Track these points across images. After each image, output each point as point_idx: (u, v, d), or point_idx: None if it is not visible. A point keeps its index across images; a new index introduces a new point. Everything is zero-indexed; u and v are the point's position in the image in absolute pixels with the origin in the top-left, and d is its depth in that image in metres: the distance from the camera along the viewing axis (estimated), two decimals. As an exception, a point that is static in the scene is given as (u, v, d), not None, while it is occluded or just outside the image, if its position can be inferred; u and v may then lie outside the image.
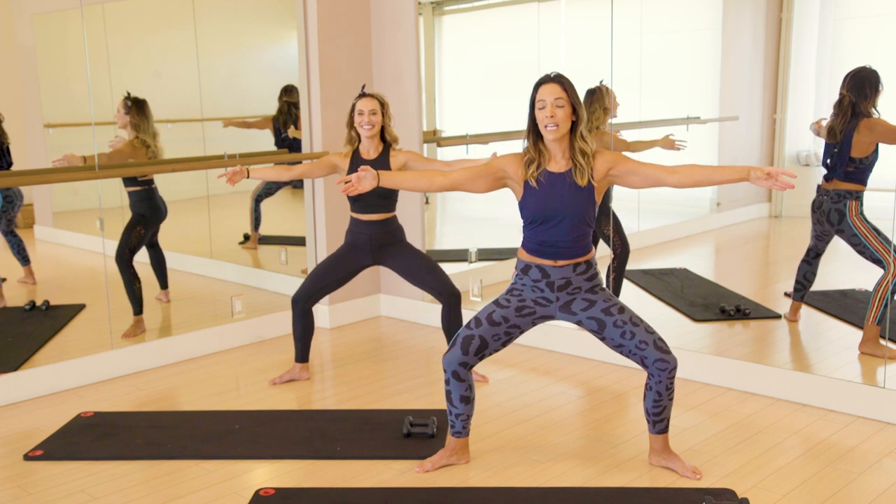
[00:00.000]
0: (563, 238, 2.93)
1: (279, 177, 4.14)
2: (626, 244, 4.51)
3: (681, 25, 5.25)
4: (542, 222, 2.93)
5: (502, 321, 3.01)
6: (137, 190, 4.58)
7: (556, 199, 2.90)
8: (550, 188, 2.91)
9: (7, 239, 4.58)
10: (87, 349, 4.23)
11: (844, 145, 3.88)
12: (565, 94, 2.85)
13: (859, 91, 3.83)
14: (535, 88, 2.91)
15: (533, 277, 3.00)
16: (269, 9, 5.52)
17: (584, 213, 2.92)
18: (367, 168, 3.00)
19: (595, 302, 3.00)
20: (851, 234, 3.93)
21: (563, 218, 2.90)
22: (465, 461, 3.16)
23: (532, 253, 2.99)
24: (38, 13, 4.68)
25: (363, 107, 3.84)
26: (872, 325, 3.81)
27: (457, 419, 3.09)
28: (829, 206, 3.99)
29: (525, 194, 2.95)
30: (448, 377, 3.01)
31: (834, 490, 2.90)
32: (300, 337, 4.09)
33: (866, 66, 3.84)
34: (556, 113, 2.84)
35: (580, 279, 2.99)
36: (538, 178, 2.92)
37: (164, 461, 3.23)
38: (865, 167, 3.90)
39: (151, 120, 4.54)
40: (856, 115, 3.84)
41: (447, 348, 3.04)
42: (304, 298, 4.01)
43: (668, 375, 2.91)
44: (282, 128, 5.22)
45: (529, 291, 3.02)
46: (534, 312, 3.04)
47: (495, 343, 3.02)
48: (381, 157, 3.91)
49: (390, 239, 3.98)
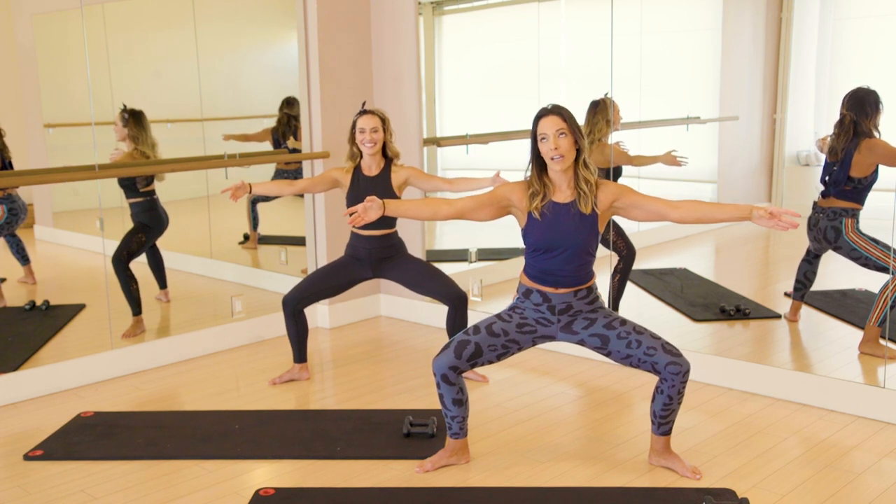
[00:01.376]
0: (565, 267, 2.94)
1: (281, 192, 4.15)
2: (630, 247, 4.50)
3: (681, 25, 5.25)
4: (546, 251, 2.94)
5: (501, 333, 3.01)
6: (139, 201, 4.58)
7: (560, 229, 2.92)
8: (555, 219, 2.93)
9: (7, 239, 4.58)
10: (86, 349, 4.23)
11: (844, 164, 3.88)
12: (566, 125, 2.86)
13: (860, 109, 3.82)
14: (535, 122, 2.91)
15: (534, 301, 3.02)
16: (269, 9, 5.52)
17: (586, 243, 2.93)
18: (373, 198, 3.00)
19: (596, 320, 3.00)
20: (850, 249, 3.93)
21: (566, 248, 2.92)
22: (465, 461, 3.16)
23: (534, 280, 3.01)
24: (38, 13, 4.68)
25: (364, 125, 3.84)
26: (874, 325, 3.81)
27: (452, 421, 3.09)
28: (826, 223, 4.00)
29: (529, 224, 2.96)
30: (438, 381, 3.00)
31: (834, 490, 2.90)
32: (295, 338, 4.09)
33: (864, 87, 3.84)
34: (559, 144, 2.84)
35: (581, 303, 3.01)
36: (542, 210, 2.93)
37: (164, 461, 3.23)
38: (864, 187, 3.91)
39: (149, 130, 4.55)
40: (857, 135, 3.84)
41: (439, 351, 3.02)
42: (295, 301, 4.00)
43: (681, 379, 2.90)
44: (281, 139, 5.22)
45: (531, 312, 3.04)
46: (535, 331, 3.04)
47: (490, 353, 3.01)
48: (383, 173, 3.92)
49: (390, 253, 3.99)
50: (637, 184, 5.04)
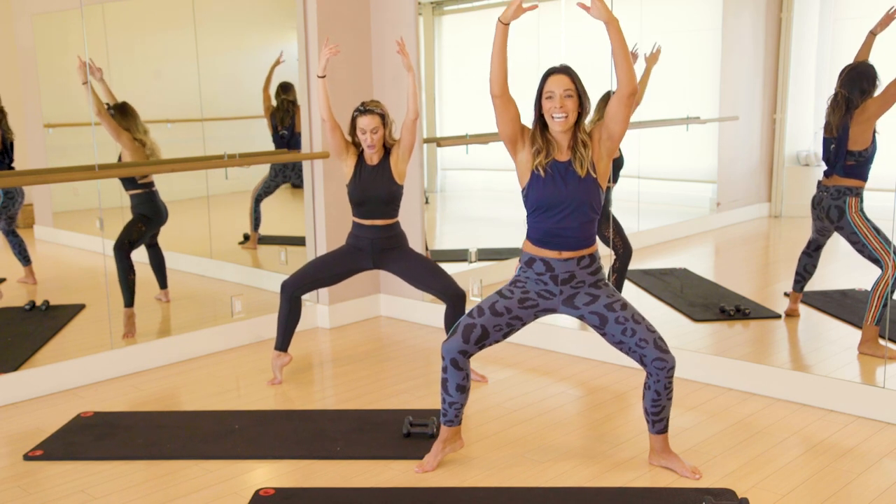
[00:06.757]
0: (569, 225, 2.94)
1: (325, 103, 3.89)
2: (627, 245, 4.51)
3: (681, 25, 5.25)
4: (548, 209, 2.94)
5: (505, 312, 3.02)
6: (138, 193, 4.60)
7: (562, 186, 2.93)
8: (557, 176, 2.94)
9: (8, 239, 4.58)
10: (86, 349, 4.23)
11: (842, 139, 3.87)
12: (573, 86, 2.90)
13: (855, 85, 3.83)
14: (543, 79, 2.94)
15: (537, 270, 3.01)
16: (269, 9, 5.52)
17: (590, 198, 2.94)
18: None
19: (598, 297, 3.00)
20: (851, 231, 3.92)
21: (569, 204, 2.93)
22: (459, 447, 3.16)
23: (537, 244, 3.00)
24: (38, 13, 4.68)
25: (365, 126, 3.85)
26: (871, 325, 3.81)
27: (450, 407, 3.07)
28: (829, 202, 3.99)
29: (531, 181, 2.97)
30: (446, 364, 3.00)
31: (834, 490, 2.90)
32: (283, 323, 4.08)
33: (863, 62, 3.84)
34: (565, 104, 2.88)
35: (584, 273, 3.00)
36: (546, 168, 2.94)
37: (164, 461, 3.23)
38: (865, 160, 3.89)
39: (138, 118, 4.56)
40: (850, 109, 3.84)
41: (447, 336, 3.04)
42: (294, 286, 4.03)
43: (665, 375, 2.91)
44: (279, 124, 5.24)
45: (533, 284, 3.03)
46: (536, 305, 3.04)
47: (496, 333, 3.02)
48: (384, 160, 3.95)
49: (392, 244, 4.00)
50: (637, 184, 5.05)
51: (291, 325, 4.09)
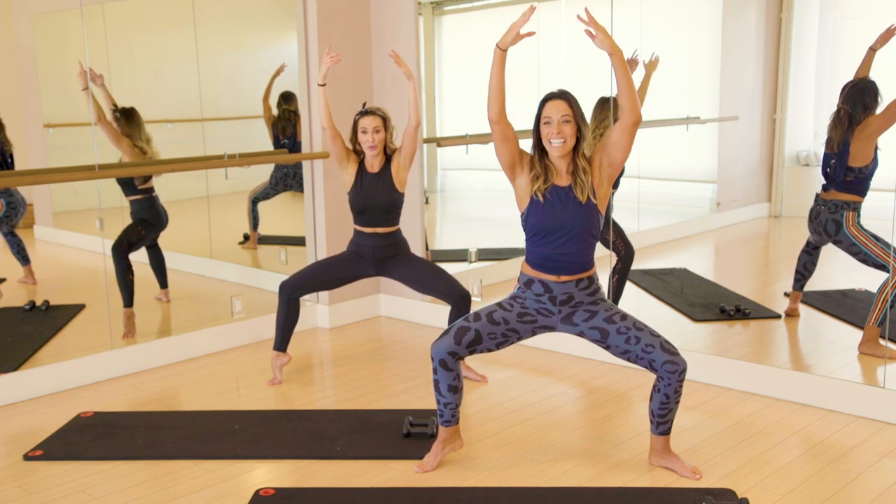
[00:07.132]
0: (568, 251, 2.94)
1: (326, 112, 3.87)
2: (629, 247, 4.50)
3: (681, 25, 5.25)
4: (547, 234, 2.94)
5: (502, 322, 3.02)
6: (138, 199, 4.60)
7: (563, 212, 2.92)
8: (557, 202, 2.93)
9: (7, 239, 4.58)
10: (86, 349, 4.23)
11: (842, 155, 3.88)
12: (571, 111, 2.89)
13: (858, 101, 3.82)
14: (541, 105, 2.94)
15: (535, 291, 3.02)
16: (269, 9, 5.52)
17: (590, 223, 2.94)
18: None
19: (597, 312, 3.01)
20: (850, 244, 3.93)
21: (569, 230, 2.93)
22: (459, 447, 3.16)
23: (535, 268, 3.01)
24: (38, 13, 4.68)
25: (366, 125, 3.84)
26: (873, 326, 3.81)
27: (445, 408, 3.07)
28: (827, 216, 3.99)
29: (530, 206, 2.96)
30: (435, 366, 2.99)
31: (834, 490, 2.90)
32: (281, 324, 4.08)
33: (864, 78, 3.84)
34: (562, 129, 2.88)
35: (582, 294, 3.01)
36: (545, 193, 2.94)
37: (164, 461, 3.23)
38: (865, 177, 3.90)
39: (143, 127, 4.56)
40: (851, 125, 3.84)
41: (438, 336, 3.03)
42: (293, 288, 4.02)
43: (677, 378, 2.91)
44: (280, 134, 5.23)
45: (532, 302, 3.04)
46: (535, 321, 3.04)
47: (489, 341, 3.01)
48: (385, 167, 3.94)
49: (393, 251, 4.00)
50: (637, 184, 5.05)
51: (290, 325, 4.09)
